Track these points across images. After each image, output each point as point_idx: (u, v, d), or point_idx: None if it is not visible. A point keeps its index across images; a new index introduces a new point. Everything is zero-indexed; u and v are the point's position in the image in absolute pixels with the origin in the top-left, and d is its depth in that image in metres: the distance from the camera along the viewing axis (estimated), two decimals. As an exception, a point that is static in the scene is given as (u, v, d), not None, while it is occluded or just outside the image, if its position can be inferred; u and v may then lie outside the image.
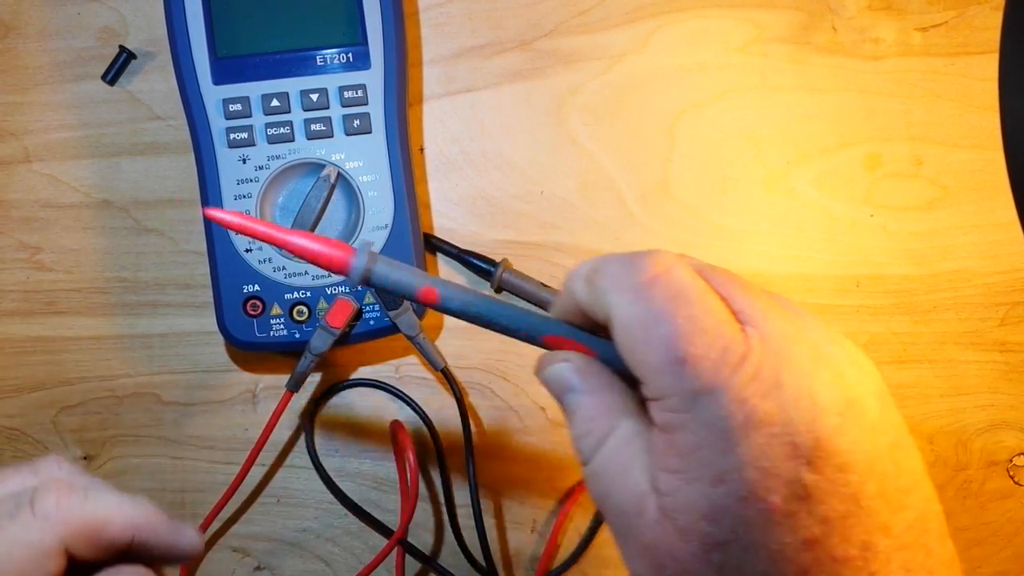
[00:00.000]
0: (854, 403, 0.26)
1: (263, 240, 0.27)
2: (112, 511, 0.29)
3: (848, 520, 0.25)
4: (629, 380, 0.28)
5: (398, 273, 0.28)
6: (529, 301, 0.47)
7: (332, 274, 0.30)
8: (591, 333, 0.29)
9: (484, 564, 0.46)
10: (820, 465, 0.25)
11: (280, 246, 0.27)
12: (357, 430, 0.48)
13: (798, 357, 0.25)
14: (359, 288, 0.44)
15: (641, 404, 0.27)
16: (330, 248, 0.27)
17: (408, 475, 0.46)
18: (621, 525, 0.27)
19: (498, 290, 0.48)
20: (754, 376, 0.25)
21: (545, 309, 0.46)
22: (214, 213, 0.28)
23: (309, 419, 0.48)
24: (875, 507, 0.25)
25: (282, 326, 0.45)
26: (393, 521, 0.47)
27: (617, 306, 0.26)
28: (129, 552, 0.30)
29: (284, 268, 0.44)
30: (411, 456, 0.44)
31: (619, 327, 0.26)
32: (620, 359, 0.27)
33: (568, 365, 0.29)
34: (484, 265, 0.47)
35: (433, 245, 0.48)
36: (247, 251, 0.44)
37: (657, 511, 0.26)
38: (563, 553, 0.48)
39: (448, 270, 0.49)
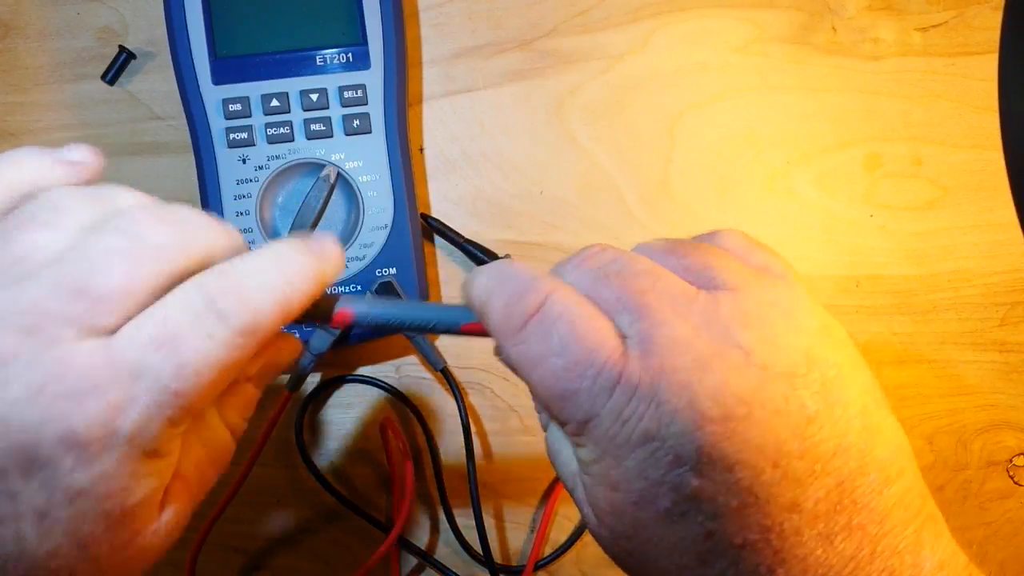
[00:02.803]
0: (747, 401, 0.26)
1: None
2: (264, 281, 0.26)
3: (744, 510, 0.25)
4: None
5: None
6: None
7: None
8: None
9: (485, 563, 0.46)
10: (706, 470, 0.25)
11: None
12: (357, 430, 0.48)
13: (682, 368, 0.26)
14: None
15: None
16: None
17: (403, 471, 0.46)
18: (569, 492, 0.30)
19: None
20: (631, 396, 0.26)
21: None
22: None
23: (298, 418, 0.48)
24: (776, 492, 0.25)
25: (282, 326, 0.45)
26: (392, 520, 0.47)
27: (503, 348, 0.28)
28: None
29: (284, 268, 0.44)
30: (405, 452, 0.44)
31: (512, 365, 0.28)
32: None
33: None
34: (486, 258, 0.47)
35: (435, 228, 0.48)
36: (247, 251, 0.44)
37: (582, 495, 0.29)
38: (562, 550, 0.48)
39: (448, 260, 0.49)
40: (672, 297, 0.27)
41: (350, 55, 0.44)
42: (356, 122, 0.44)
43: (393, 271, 0.45)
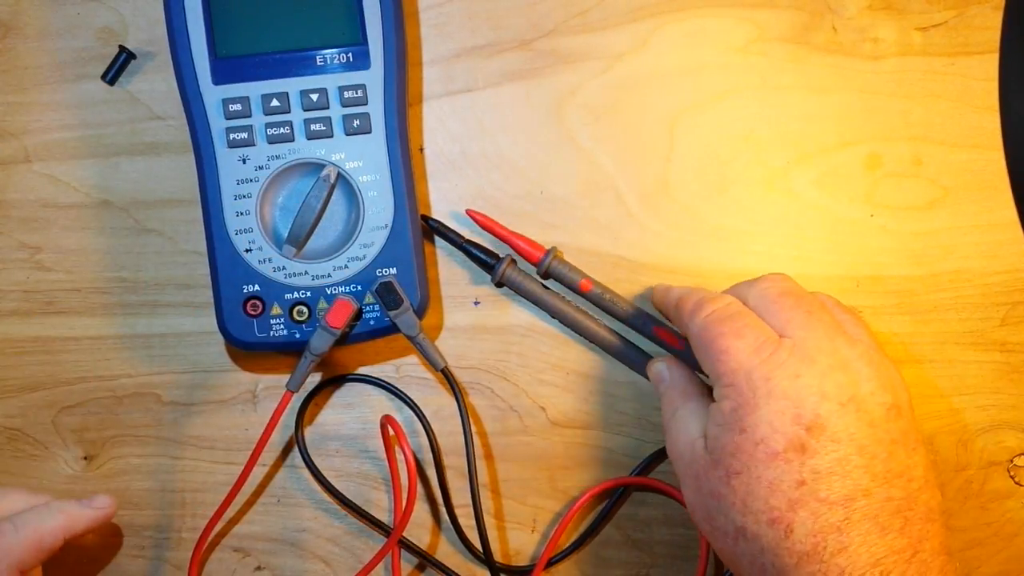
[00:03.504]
0: (857, 402, 0.37)
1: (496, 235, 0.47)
2: (44, 526, 0.40)
3: (833, 476, 0.36)
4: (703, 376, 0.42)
5: (569, 271, 0.47)
6: (530, 300, 0.48)
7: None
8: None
9: (486, 563, 0.46)
10: (816, 433, 0.36)
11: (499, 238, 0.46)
12: (357, 430, 0.48)
13: (820, 363, 0.37)
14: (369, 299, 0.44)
15: (705, 392, 0.42)
16: (530, 247, 0.47)
17: (404, 471, 0.46)
18: (679, 462, 0.41)
19: (499, 285, 0.48)
20: (780, 364, 0.37)
21: (545, 309, 0.48)
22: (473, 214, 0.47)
23: (298, 417, 0.48)
24: (859, 475, 0.36)
25: (282, 326, 0.45)
26: (393, 520, 0.47)
27: (690, 327, 0.41)
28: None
29: (284, 268, 0.44)
30: (407, 450, 0.44)
31: (691, 338, 0.41)
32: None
33: (664, 365, 0.45)
34: (487, 259, 0.47)
35: (435, 229, 0.48)
36: (247, 251, 0.44)
37: (701, 449, 0.39)
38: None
39: (448, 260, 0.49)
40: (824, 321, 0.39)
41: (350, 55, 0.44)
42: (356, 122, 0.44)
43: (393, 271, 0.45)
